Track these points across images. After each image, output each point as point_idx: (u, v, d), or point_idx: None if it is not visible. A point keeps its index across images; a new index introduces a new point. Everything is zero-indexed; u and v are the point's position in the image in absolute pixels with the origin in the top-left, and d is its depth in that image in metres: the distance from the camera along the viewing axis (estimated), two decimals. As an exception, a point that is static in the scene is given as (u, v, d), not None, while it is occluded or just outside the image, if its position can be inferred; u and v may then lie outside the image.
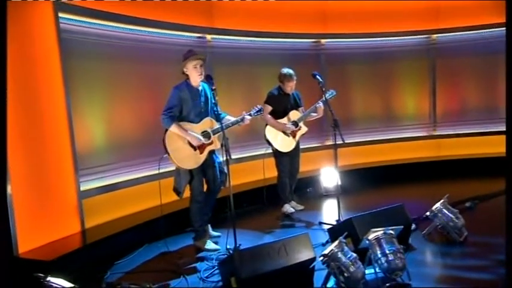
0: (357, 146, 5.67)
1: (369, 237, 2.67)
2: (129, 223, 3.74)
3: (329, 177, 5.02)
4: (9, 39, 2.60)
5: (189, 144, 3.26)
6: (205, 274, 2.97)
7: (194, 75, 3.27)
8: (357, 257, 2.52)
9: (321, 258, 2.53)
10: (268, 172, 4.51)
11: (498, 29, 5.72)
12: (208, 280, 2.89)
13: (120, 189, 3.94)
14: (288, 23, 5.35)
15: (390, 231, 2.68)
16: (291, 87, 4.17)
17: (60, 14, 3.40)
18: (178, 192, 3.36)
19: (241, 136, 4.83)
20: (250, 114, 3.52)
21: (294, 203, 4.44)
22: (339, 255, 2.48)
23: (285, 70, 4.16)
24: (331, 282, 2.57)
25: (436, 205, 3.38)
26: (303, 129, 4.24)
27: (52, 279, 2.39)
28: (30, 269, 2.69)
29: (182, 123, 3.25)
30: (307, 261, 2.65)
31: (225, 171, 3.14)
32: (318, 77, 3.79)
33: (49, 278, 2.39)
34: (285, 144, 4.17)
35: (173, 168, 3.48)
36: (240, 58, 5.09)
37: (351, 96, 5.87)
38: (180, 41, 4.52)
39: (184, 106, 3.26)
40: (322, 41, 5.70)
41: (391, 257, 2.56)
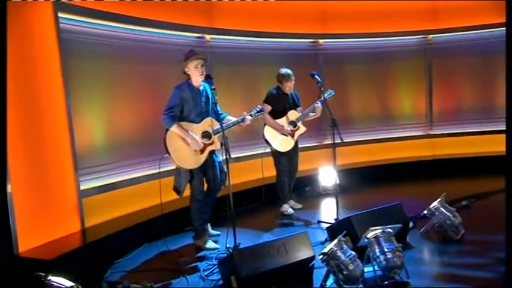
0: (355, 145, 5.67)
1: (368, 236, 2.67)
2: (128, 222, 3.73)
3: (327, 176, 5.02)
4: (9, 39, 2.58)
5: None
6: (205, 273, 2.96)
7: (195, 75, 3.26)
8: (355, 255, 2.52)
9: (321, 256, 2.53)
10: (267, 171, 4.50)
11: (494, 30, 5.75)
12: (208, 279, 2.88)
13: (120, 188, 3.92)
14: (286, 23, 5.35)
15: (389, 230, 2.68)
16: (290, 87, 4.17)
17: (60, 14, 3.39)
18: (178, 191, 3.34)
19: (240, 135, 4.82)
20: (251, 115, 3.50)
21: (292, 202, 4.44)
22: (338, 253, 2.48)
23: (283, 70, 4.15)
24: (331, 280, 2.57)
25: (434, 204, 3.38)
26: (301, 129, 4.23)
27: (53, 278, 2.37)
28: (30, 268, 2.67)
29: (183, 123, 3.23)
30: (306, 260, 2.65)
31: (225, 170, 3.12)
32: (316, 76, 3.78)
33: (50, 277, 2.37)
34: (283, 143, 4.16)
35: (172, 168, 3.47)
36: (239, 58, 5.08)
37: (349, 96, 5.87)
38: (179, 41, 4.51)
39: (186, 106, 3.24)
40: (320, 41, 5.70)
41: (390, 255, 2.56)
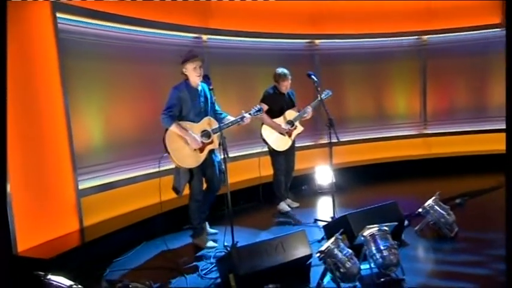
0: (351, 144, 5.70)
1: (364, 234, 2.68)
2: (127, 221, 3.71)
3: (324, 175, 5.03)
4: (8, 40, 2.55)
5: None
6: (204, 271, 2.96)
7: (193, 76, 3.26)
8: (352, 253, 2.53)
9: (318, 254, 2.53)
10: (264, 170, 4.50)
11: (487, 31, 5.79)
12: (207, 277, 2.88)
13: (118, 187, 3.90)
14: (282, 24, 5.34)
15: (384, 228, 2.69)
16: (286, 87, 4.16)
17: (58, 14, 3.36)
18: (178, 191, 3.33)
19: (238, 135, 4.81)
20: (250, 114, 3.49)
21: (289, 200, 4.44)
22: (335, 251, 2.49)
23: (280, 70, 4.15)
24: (328, 277, 2.58)
25: (428, 202, 3.40)
26: (298, 129, 4.23)
27: (52, 277, 2.36)
28: (29, 267, 2.66)
29: (182, 123, 3.23)
30: (304, 258, 2.66)
31: (225, 170, 3.12)
32: (313, 77, 3.77)
33: (49, 276, 2.36)
34: (281, 143, 4.16)
35: (171, 167, 3.46)
36: (236, 58, 5.07)
37: (345, 96, 5.88)
38: (176, 41, 4.49)
39: (184, 106, 3.24)
40: (316, 41, 5.69)
41: (386, 253, 2.58)
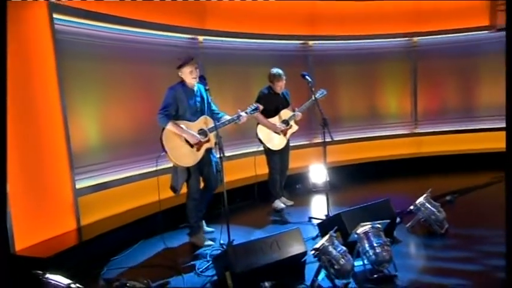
0: (344, 143, 5.73)
1: (358, 231, 2.70)
2: (124, 220, 3.69)
3: (318, 173, 5.04)
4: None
5: (186, 142, 3.22)
6: (200, 269, 2.95)
7: (189, 79, 3.28)
8: (346, 250, 2.55)
9: (313, 252, 2.54)
10: (260, 169, 4.51)
11: (476, 33, 5.85)
12: (203, 275, 2.88)
13: (115, 187, 3.88)
14: (277, 25, 5.35)
15: (377, 225, 2.71)
16: (281, 87, 4.17)
17: (55, 15, 3.33)
18: (175, 190, 3.33)
19: (234, 134, 4.81)
20: (246, 112, 3.49)
21: (284, 198, 4.45)
22: (330, 248, 2.50)
23: (275, 70, 4.16)
24: (322, 274, 2.58)
25: (420, 199, 3.43)
26: (293, 128, 4.24)
27: (50, 276, 2.34)
28: (27, 266, 2.64)
29: (179, 122, 3.23)
30: (298, 255, 2.68)
31: (222, 170, 3.13)
32: (307, 77, 3.78)
33: (47, 274, 2.34)
34: (276, 142, 4.17)
35: (168, 166, 3.45)
36: (231, 59, 5.06)
37: (338, 96, 5.90)
38: (172, 42, 4.48)
39: (180, 105, 3.24)
40: (310, 42, 5.71)
41: (379, 250, 2.60)
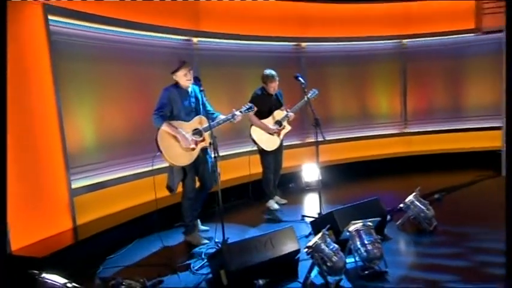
0: (336, 143, 5.76)
1: (349, 229, 2.72)
2: (119, 219, 3.67)
3: (310, 172, 5.07)
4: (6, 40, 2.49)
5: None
6: (196, 267, 2.95)
7: (184, 81, 3.28)
8: (338, 247, 2.57)
9: (306, 249, 2.55)
10: (254, 168, 4.51)
11: (463, 35, 5.93)
12: (198, 273, 2.87)
13: (110, 186, 3.86)
14: (270, 28, 5.36)
15: (368, 223, 2.74)
16: (274, 88, 4.17)
17: (50, 16, 3.30)
18: (171, 189, 3.32)
19: (228, 134, 4.81)
20: (241, 112, 3.49)
21: (277, 197, 4.46)
22: (322, 246, 2.52)
23: (268, 71, 4.15)
24: (315, 271, 2.60)
25: (409, 197, 3.47)
26: (286, 128, 4.25)
27: (46, 276, 2.32)
28: (23, 266, 2.61)
29: (173, 122, 3.22)
30: (292, 253, 2.69)
31: (218, 170, 3.13)
32: (300, 78, 3.79)
33: (43, 274, 2.32)
34: (270, 143, 4.16)
35: (163, 166, 3.43)
36: (225, 60, 5.05)
37: (330, 97, 5.93)
38: (167, 43, 4.46)
39: (174, 106, 3.24)
40: (303, 44, 5.72)
41: (370, 247, 2.62)
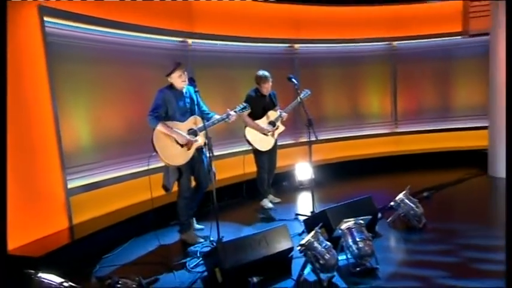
0: (329, 142, 5.79)
1: (341, 227, 2.75)
2: (115, 219, 3.66)
3: (303, 171, 5.09)
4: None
5: (176, 141, 3.21)
6: (191, 266, 2.95)
7: (178, 82, 3.28)
8: (331, 245, 2.58)
9: (299, 247, 2.57)
10: (248, 167, 4.52)
11: (452, 38, 6.00)
12: (194, 271, 2.87)
13: (106, 186, 3.84)
14: (264, 29, 5.37)
15: (360, 221, 2.76)
16: (267, 89, 4.17)
17: (45, 18, 3.27)
18: (167, 188, 3.32)
19: (223, 134, 4.81)
20: (235, 111, 3.49)
21: (271, 196, 4.47)
22: (315, 244, 2.53)
23: (261, 72, 4.15)
24: (308, 269, 2.62)
25: (399, 196, 3.50)
26: (280, 128, 4.25)
27: (43, 275, 2.31)
28: (19, 266, 2.59)
29: (168, 122, 3.22)
30: (286, 251, 2.70)
31: (213, 170, 3.13)
32: (293, 80, 3.80)
33: (40, 273, 2.31)
34: (264, 143, 4.16)
35: (159, 165, 3.42)
36: (219, 61, 5.05)
37: (322, 97, 5.96)
38: (162, 44, 4.44)
39: (169, 106, 3.24)
40: (296, 46, 5.74)
41: (361, 244, 2.65)
